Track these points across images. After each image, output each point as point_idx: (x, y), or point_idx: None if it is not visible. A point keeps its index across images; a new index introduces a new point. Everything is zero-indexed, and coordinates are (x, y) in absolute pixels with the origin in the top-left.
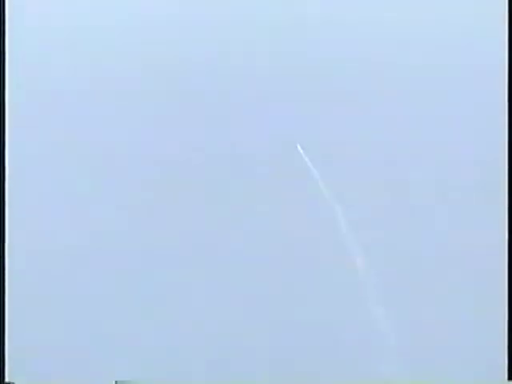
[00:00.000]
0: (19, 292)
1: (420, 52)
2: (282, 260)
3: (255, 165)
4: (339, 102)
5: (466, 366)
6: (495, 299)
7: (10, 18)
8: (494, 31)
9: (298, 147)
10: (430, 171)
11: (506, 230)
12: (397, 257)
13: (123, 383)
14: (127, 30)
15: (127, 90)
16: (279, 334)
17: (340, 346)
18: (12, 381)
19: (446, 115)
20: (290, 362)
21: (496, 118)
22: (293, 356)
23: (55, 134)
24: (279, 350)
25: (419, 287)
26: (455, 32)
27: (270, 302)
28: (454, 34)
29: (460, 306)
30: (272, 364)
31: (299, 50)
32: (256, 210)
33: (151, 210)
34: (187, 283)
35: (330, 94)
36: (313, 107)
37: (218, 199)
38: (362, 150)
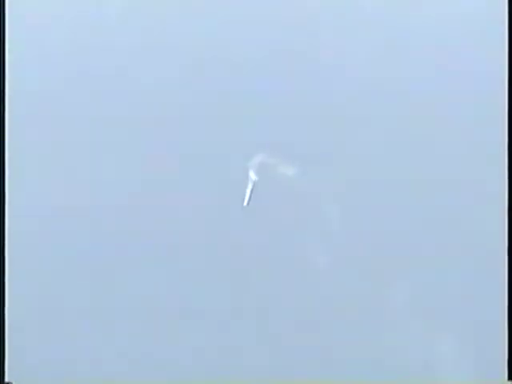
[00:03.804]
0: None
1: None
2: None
3: None
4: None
5: (466, 365)
6: (495, 299)
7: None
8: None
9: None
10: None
11: (506, 229)
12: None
13: None
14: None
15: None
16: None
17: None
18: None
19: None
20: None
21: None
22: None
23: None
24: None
25: (419, 286)
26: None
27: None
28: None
29: (460, 307)
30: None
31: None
32: None
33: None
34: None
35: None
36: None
37: None
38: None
